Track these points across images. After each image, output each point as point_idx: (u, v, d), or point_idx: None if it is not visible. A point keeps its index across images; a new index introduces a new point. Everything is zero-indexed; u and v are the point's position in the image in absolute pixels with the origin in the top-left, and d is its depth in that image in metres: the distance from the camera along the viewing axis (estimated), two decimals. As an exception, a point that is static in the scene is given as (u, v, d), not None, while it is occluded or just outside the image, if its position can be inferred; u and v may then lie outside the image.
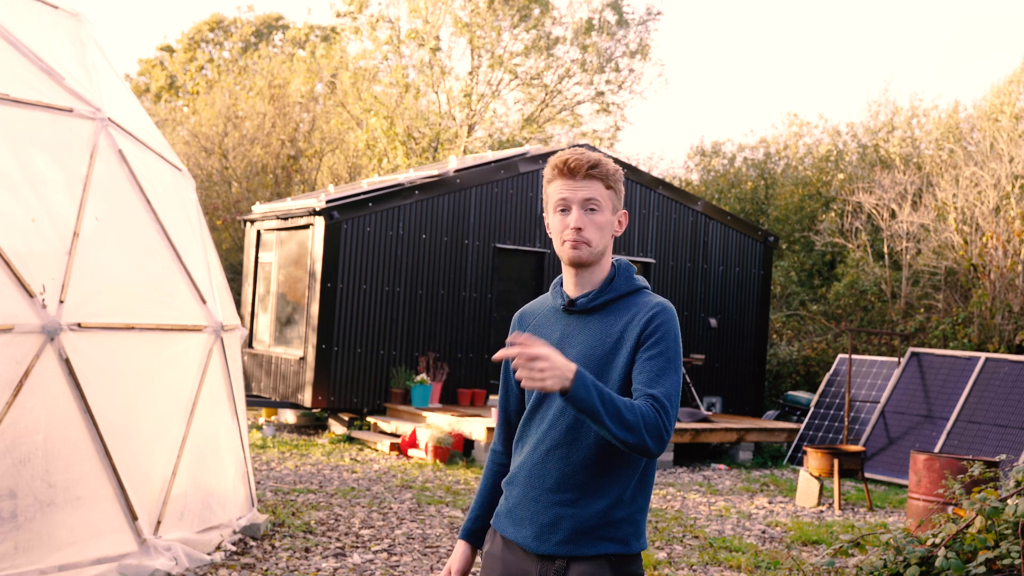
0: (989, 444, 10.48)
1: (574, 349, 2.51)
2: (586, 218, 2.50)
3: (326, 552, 6.30)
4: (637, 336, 2.46)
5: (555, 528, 2.46)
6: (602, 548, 2.45)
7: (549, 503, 2.47)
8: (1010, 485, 5.52)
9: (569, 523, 2.45)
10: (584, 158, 2.51)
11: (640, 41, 24.73)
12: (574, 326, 2.55)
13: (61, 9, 6.33)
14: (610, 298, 2.53)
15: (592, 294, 2.54)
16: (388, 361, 12.29)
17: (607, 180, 2.52)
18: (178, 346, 5.88)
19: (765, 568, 6.52)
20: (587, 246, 2.50)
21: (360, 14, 23.99)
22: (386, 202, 12.22)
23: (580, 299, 2.54)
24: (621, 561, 2.47)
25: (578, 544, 2.45)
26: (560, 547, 2.46)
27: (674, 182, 23.54)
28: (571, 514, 2.45)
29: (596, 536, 2.44)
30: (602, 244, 2.53)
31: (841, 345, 16.17)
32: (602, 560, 2.45)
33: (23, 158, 5.25)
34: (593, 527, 2.44)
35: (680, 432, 11.46)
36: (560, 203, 2.52)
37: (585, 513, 2.45)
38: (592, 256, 2.52)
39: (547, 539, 2.47)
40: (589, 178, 2.50)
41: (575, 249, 2.50)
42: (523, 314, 2.69)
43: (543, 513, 2.48)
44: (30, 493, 4.88)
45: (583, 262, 2.51)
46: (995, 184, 15.28)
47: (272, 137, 23.08)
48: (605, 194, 2.52)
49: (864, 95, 45.63)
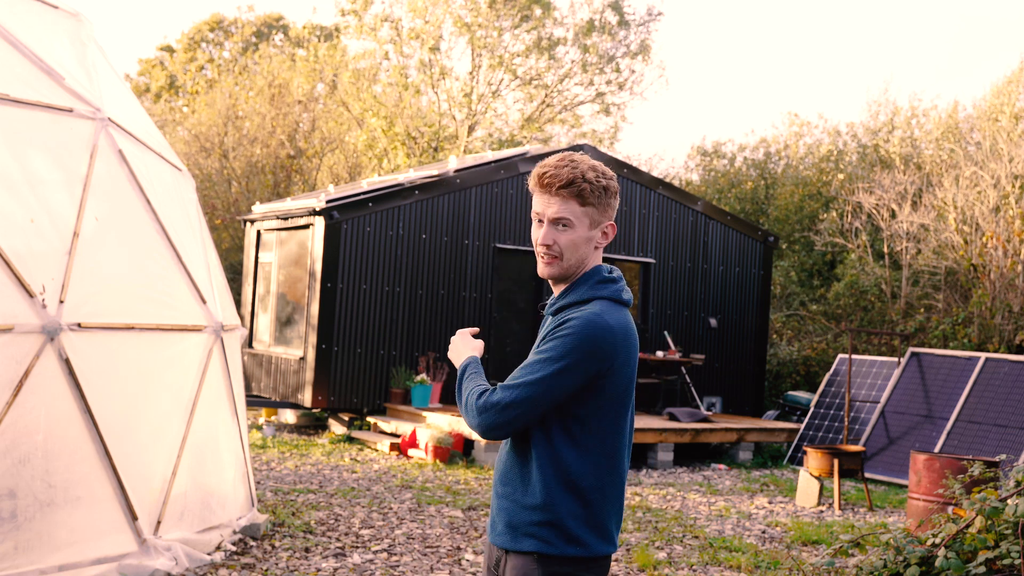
0: (989, 444, 10.48)
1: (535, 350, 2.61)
2: (555, 234, 2.51)
3: (326, 552, 6.30)
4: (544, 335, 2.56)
5: (497, 520, 2.59)
6: (527, 544, 2.50)
7: (496, 495, 2.61)
8: (1010, 485, 5.53)
9: (504, 516, 2.56)
10: (559, 175, 2.48)
11: (641, 42, 24.73)
12: (545, 327, 2.63)
13: (61, 9, 6.33)
14: (564, 304, 2.57)
15: (554, 299, 2.62)
16: (388, 361, 12.29)
17: (583, 198, 2.49)
18: (178, 346, 5.88)
19: (765, 568, 6.52)
20: (559, 261, 2.53)
21: (365, 12, 24.00)
22: (386, 202, 12.22)
23: (547, 304, 2.65)
24: (547, 560, 2.49)
25: (509, 537, 2.54)
26: (498, 538, 2.57)
27: (674, 182, 23.55)
28: (506, 507, 2.56)
29: (523, 532, 2.51)
30: (575, 259, 2.54)
31: (841, 345, 16.17)
32: (528, 556, 2.50)
33: (23, 158, 5.25)
34: (521, 523, 2.52)
35: (680, 432, 11.46)
36: (536, 215, 2.56)
37: (515, 508, 2.54)
38: (564, 271, 2.55)
39: (493, 529, 2.61)
40: (561, 196, 2.49)
41: (548, 265, 2.55)
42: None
43: (494, 504, 2.62)
44: (30, 493, 4.88)
45: (553, 277, 2.57)
46: (995, 184, 15.28)
47: (272, 137, 23.08)
48: (579, 211, 2.50)
49: (864, 95, 45.64)
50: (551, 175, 2.48)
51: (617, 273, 2.63)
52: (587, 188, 2.48)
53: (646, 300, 13.77)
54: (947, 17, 59.77)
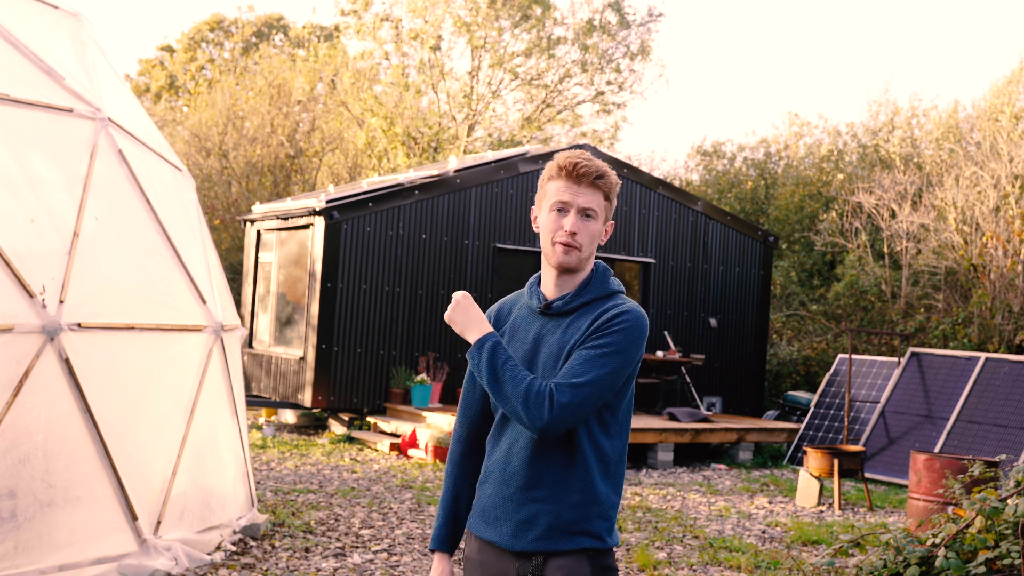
0: (989, 444, 10.48)
1: (547, 350, 2.54)
2: (581, 224, 2.53)
3: (326, 552, 6.30)
4: (587, 328, 2.51)
5: (531, 524, 2.50)
6: (578, 543, 2.48)
7: (524, 500, 2.51)
8: (1010, 485, 5.53)
9: (546, 519, 2.49)
10: (593, 166, 2.54)
11: (641, 42, 24.73)
12: (549, 327, 2.58)
13: (61, 9, 6.33)
14: (584, 301, 2.56)
15: (568, 296, 2.57)
16: (388, 361, 12.29)
17: (608, 191, 2.56)
18: (178, 346, 5.88)
19: (765, 568, 6.52)
20: (577, 252, 2.54)
21: (365, 12, 24.00)
22: (386, 202, 12.22)
23: (556, 302, 2.58)
24: (597, 555, 2.51)
25: (555, 539, 2.48)
26: (537, 543, 2.49)
27: (674, 182, 23.54)
28: (547, 510, 2.49)
29: (572, 531, 2.48)
30: (589, 251, 2.57)
31: (841, 345, 16.17)
32: (580, 554, 2.49)
33: (23, 158, 5.25)
34: (569, 522, 2.48)
35: (680, 432, 11.46)
36: (559, 204, 2.54)
37: (560, 508, 2.48)
38: (580, 262, 2.56)
39: (523, 536, 2.50)
40: (593, 187, 2.54)
41: (566, 254, 2.53)
42: (499, 311, 2.71)
43: (519, 511, 2.51)
44: (30, 493, 4.88)
45: (571, 267, 2.55)
46: (995, 184, 15.27)
47: (272, 137, 23.08)
48: (603, 204, 2.56)
49: (864, 95, 45.65)
50: (585, 166, 2.52)
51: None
52: (612, 183, 2.56)
53: (646, 300, 13.77)
54: (947, 17, 59.78)
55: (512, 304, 2.71)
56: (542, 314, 2.60)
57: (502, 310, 2.70)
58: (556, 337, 2.54)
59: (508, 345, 2.59)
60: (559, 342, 2.53)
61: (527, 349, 2.57)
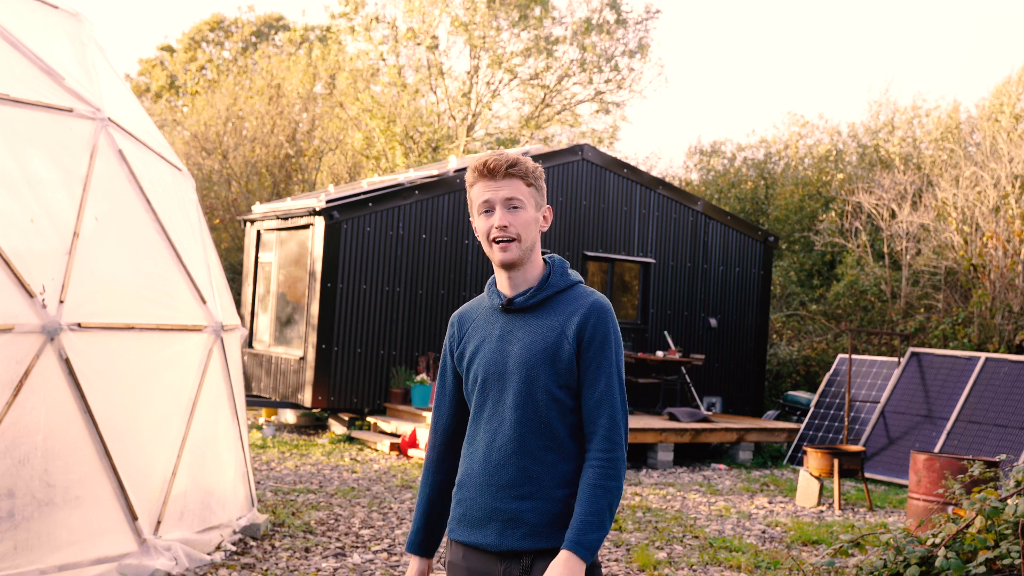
0: (989, 444, 10.48)
1: (515, 345, 2.55)
2: (510, 216, 2.54)
3: (326, 552, 6.30)
4: (577, 334, 2.53)
5: (518, 522, 2.49)
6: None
7: (509, 498, 2.50)
8: (1010, 485, 5.53)
9: (531, 516, 2.49)
10: (504, 158, 2.57)
11: (639, 40, 24.73)
12: (513, 324, 2.59)
13: (61, 9, 6.33)
14: (548, 295, 2.58)
15: (530, 291, 2.58)
16: (388, 361, 12.29)
17: (527, 178, 2.57)
18: (178, 346, 5.88)
19: (765, 568, 6.52)
20: (517, 243, 2.55)
21: (356, 15, 23.98)
22: (386, 202, 12.22)
23: (518, 298, 2.58)
24: None
25: (541, 537, 2.48)
26: (523, 541, 2.49)
27: (674, 182, 23.54)
28: (532, 507, 2.49)
29: (558, 527, 2.48)
30: (529, 240, 2.57)
31: (841, 345, 16.16)
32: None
33: (23, 158, 5.25)
34: (556, 516, 2.48)
35: (680, 432, 11.46)
36: (484, 205, 2.57)
37: (546, 504, 2.49)
38: (521, 254, 2.56)
39: (510, 535, 2.50)
40: (509, 177, 2.55)
41: (504, 251, 2.54)
42: (461, 317, 2.72)
43: (503, 510, 2.51)
44: (28, 493, 4.88)
45: (514, 262, 2.56)
46: (995, 184, 15.27)
47: (272, 137, 23.08)
48: (526, 191, 2.57)
49: (865, 95, 45.64)
50: (495, 160, 2.56)
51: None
52: (528, 169, 2.58)
53: (646, 300, 13.77)
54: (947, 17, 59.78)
55: (472, 308, 2.71)
56: (504, 311, 2.61)
57: (463, 318, 2.71)
58: (525, 332, 2.55)
59: (475, 346, 2.61)
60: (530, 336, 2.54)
61: (493, 347, 2.57)
